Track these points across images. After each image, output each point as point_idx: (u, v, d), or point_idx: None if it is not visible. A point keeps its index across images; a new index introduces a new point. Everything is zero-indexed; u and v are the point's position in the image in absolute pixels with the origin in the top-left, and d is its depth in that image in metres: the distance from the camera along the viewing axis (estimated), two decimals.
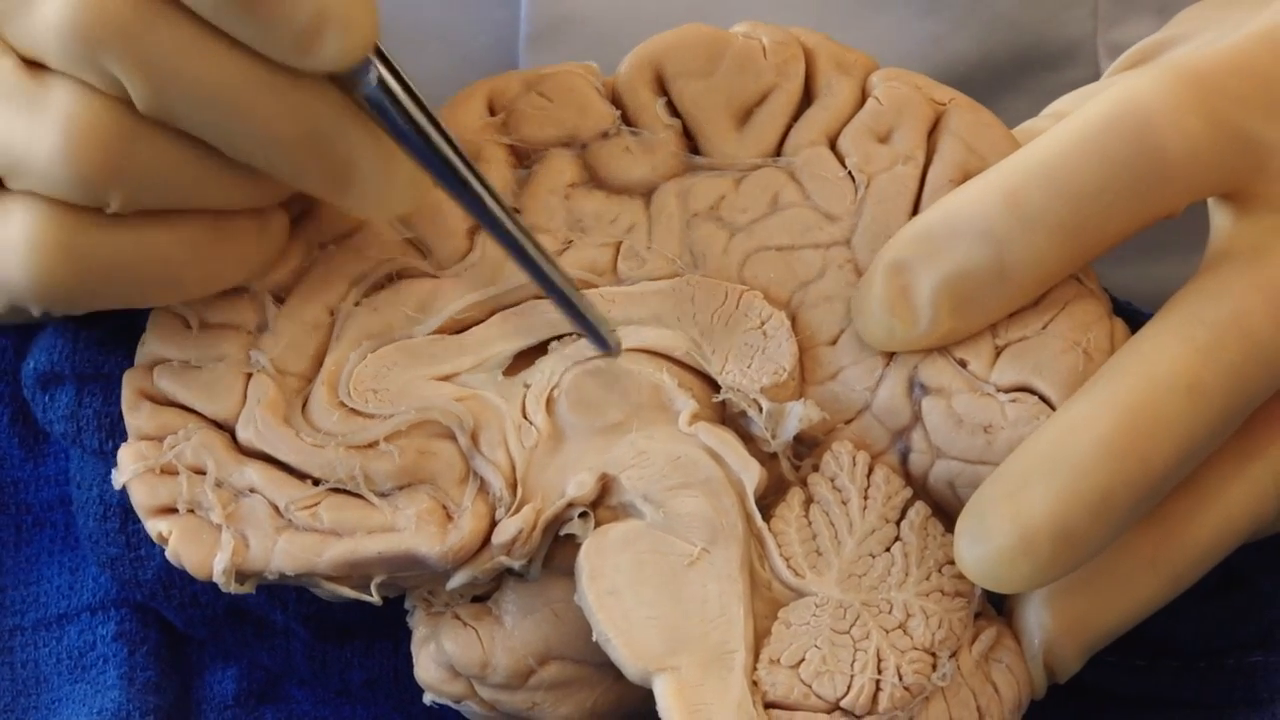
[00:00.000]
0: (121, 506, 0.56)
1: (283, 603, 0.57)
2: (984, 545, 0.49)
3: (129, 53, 0.47)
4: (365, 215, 0.51)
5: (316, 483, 0.51)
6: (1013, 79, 0.67)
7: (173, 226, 0.50)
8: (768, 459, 0.52)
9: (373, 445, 0.51)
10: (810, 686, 0.50)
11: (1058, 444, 0.49)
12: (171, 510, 0.51)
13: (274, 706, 0.59)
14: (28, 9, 0.48)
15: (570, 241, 0.53)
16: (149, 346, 0.53)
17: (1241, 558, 0.54)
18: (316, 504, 0.51)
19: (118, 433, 0.55)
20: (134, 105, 0.48)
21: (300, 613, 0.57)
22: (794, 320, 0.52)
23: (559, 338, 0.52)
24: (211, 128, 0.48)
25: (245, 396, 0.52)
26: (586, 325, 0.51)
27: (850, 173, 0.53)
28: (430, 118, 0.49)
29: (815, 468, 0.52)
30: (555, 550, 0.52)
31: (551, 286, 0.51)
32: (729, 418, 0.52)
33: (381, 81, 0.49)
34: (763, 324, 0.52)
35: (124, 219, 0.49)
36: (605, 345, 0.51)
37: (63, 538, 0.61)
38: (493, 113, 0.54)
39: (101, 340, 0.56)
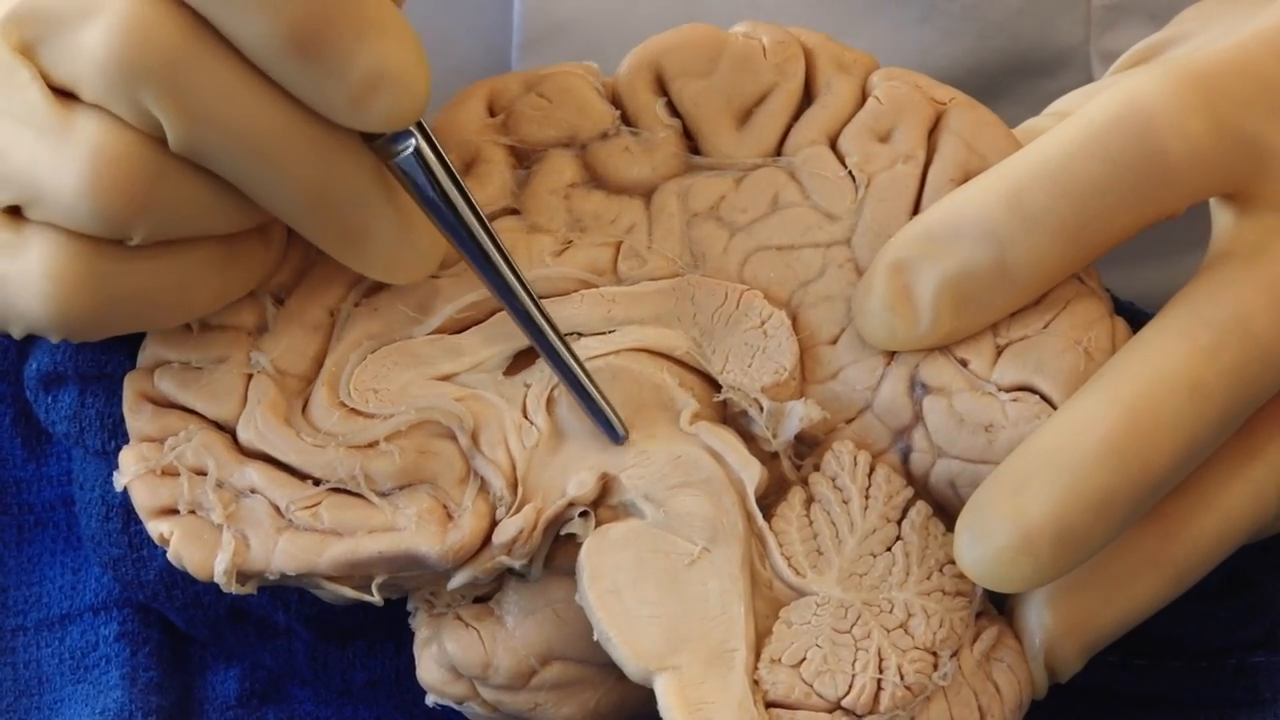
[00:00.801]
0: (124, 507, 0.57)
1: (285, 603, 0.57)
2: (984, 545, 0.49)
3: (171, 90, 0.46)
4: (370, 277, 0.51)
5: (317, 483, 0.51)
6: (1006, 86, 0.67)
7: (187, 253, 0.49)
8: (768, 458, 0.52)
9: (373, 445, 0.51)
10: (811, 686, 0.50)
11: (1059, 443, 0.49)
12: (173, 511, 0.51)
13: (276, 707, 0.59)
14: (69, 34, 0.47)
15: (570, 241, 0.53)
16: (150, 348, 0.53)
17: (1244, 558, 0.54)
18: (317, 504, 0.51)
19: (120, 433, 0.55)
20: (162, 141, 0.47)
21: (302, 613, 0.57)
22: (794, 320, 0.52)
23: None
24: (239, 172, 0.48)
25: (246, 398, 0.52)
26: (598, 413, 0.51)
27: (850, 172, 0.53)
28: (462, 191, 0.49)
29: (816, 467, 0.52)
30: (556, 550, 0.52)
31: (567, 372, 0.51)
32: (730, 417, 0.52)
33: (419, 152, 0.48)
34: (763, 323, 0.52)
35: (141, 249, 0.49)
36: (616, 435, 0.51)
37: (65, 538, 0.61)
38: (492, 113, 0.54)
39: (104, 341, 0.56)
